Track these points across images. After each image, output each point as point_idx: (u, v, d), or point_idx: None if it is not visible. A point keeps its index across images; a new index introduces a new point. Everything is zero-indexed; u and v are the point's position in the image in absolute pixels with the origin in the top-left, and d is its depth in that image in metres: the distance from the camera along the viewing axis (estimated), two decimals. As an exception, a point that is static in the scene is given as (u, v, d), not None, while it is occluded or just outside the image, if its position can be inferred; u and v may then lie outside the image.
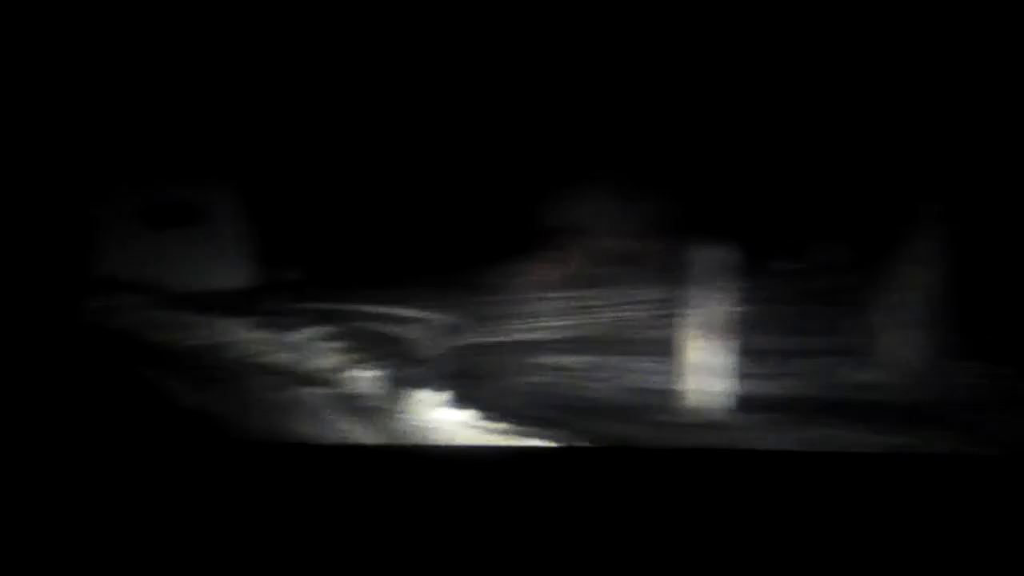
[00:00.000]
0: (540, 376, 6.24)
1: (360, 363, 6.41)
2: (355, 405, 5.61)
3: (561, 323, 7.85)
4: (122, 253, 11.14)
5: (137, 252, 11.34)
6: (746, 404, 5.29)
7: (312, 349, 6.86)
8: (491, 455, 2.29)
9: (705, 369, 5.52)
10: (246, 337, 7.48)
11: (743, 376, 5.50)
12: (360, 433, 5.05)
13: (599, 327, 7.66)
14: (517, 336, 7.59)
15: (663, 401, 5.50)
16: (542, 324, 7.87)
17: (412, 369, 6.40)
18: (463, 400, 5.34)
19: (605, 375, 6.15)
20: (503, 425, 4.73)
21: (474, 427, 4.87)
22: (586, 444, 4.04)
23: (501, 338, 7.54)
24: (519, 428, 4.63)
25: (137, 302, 9.44)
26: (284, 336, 7.33)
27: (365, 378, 6.00)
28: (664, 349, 5.83)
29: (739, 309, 5.72)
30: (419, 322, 8.36)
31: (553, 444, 4.09)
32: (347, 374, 6.14)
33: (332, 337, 7.24)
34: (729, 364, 5.48)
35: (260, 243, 13.48)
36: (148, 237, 11.68)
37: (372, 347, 6.98)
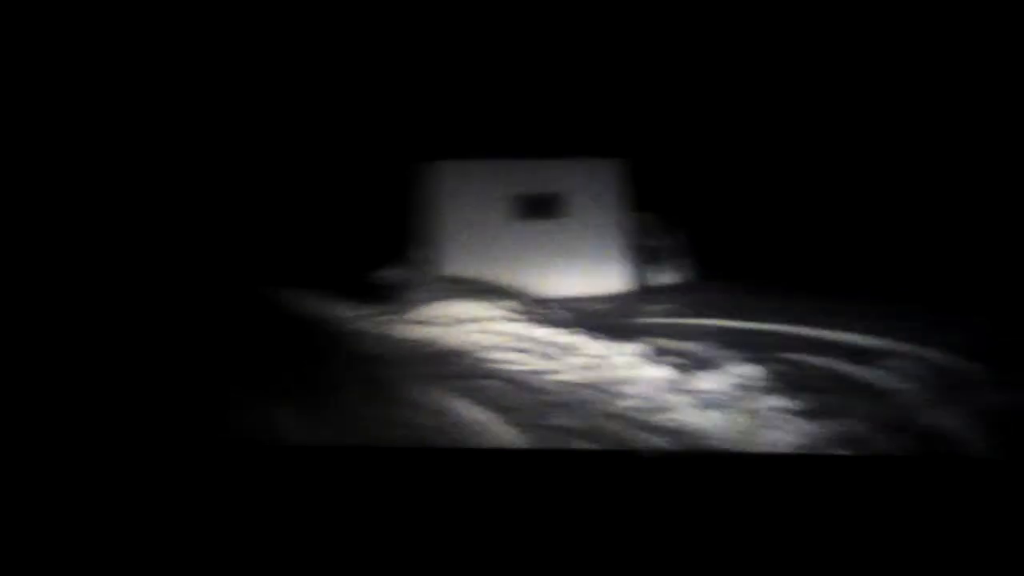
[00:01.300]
0: None
1: (837, 442, 3.42)
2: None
3: None
4: (471, 249, 9.59)
5: (503, 247, 9.70)
6: None
7: (747, 406, 4.00)
8: (496, 457, 2.17)
9: None
10: (629, 374, 4.90)
11: None
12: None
13: None
14: None
15: None
16: None
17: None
18: None
19: None
20: None
21: None
22: (585, 447, 3.76)
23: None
24: None
25: (487, 310, 7.52)
26: (693, 378, 4.60)
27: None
28: None
29: None
30: (896, 358, 5.10)
31: (552, 446, 3.82)
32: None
33: (774, 385, 4.33)
34: None
35: (648, 238, 10.92)
36: (510, 230, 9.97)
37: (844, 408, 3.93)
